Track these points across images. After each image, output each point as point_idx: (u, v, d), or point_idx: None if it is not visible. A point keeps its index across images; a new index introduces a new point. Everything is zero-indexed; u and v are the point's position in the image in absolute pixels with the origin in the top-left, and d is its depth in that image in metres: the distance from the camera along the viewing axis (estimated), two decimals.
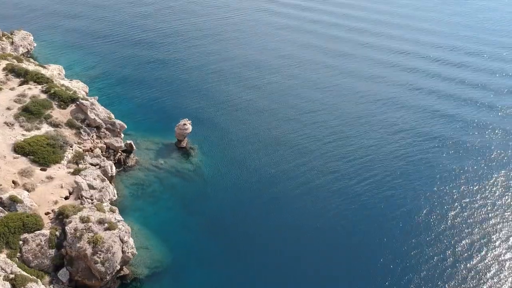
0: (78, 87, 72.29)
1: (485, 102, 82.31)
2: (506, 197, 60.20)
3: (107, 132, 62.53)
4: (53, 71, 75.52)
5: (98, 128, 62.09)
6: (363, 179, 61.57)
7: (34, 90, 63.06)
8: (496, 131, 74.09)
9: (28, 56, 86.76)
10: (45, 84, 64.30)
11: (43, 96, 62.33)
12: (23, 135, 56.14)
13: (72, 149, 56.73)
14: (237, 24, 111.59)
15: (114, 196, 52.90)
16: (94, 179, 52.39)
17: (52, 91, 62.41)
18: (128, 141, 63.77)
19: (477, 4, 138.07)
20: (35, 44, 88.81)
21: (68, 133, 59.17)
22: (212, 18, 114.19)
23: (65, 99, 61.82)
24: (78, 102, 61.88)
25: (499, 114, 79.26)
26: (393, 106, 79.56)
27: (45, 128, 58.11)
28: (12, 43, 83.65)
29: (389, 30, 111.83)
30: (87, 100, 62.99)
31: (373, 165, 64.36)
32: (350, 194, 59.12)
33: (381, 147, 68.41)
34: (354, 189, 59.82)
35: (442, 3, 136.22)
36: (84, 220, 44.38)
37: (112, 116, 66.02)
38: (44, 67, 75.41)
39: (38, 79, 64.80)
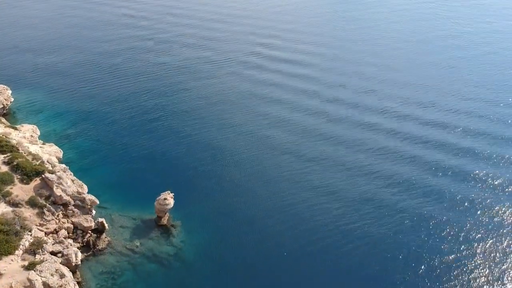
0: (51, 152, 65.06)
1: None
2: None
3: (75, 209, 54.89)
4: (26, 132, 68.51)
5: (65, 205, 54.47)
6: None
7: None
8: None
9: (4, 112, 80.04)
10: (8, 154, 57.05)
11: (4, 168, 55.03)
12: None
13: (31, 235, 48.98)
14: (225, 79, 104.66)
15: None
16: (52, 274, 44.52)
17: (15, 163, 55.06)
18: (100, 219, 55.98)
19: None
20: (12, 99, 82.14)
21: (29, 213, 51.53)
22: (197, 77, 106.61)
23: (28, 172, 54.47)
24: (43, 176, 54.39)
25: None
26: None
27: (1, 209, 50.49)
28: None
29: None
30: (54, 173, 55.50)
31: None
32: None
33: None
34: None
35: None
36: None
37: (85, 188, 58.57)
38: (16, 129, 68.53)
39: (1, 147, 57.53)
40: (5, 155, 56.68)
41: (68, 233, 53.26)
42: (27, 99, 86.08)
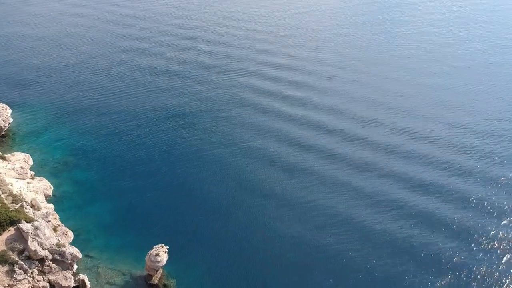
0: (38, 188, 58.43)
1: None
2: None
3: (53, 265, 47.91)
4: (16, 163, 62.15)
5: (41, 260, 47.43)
6: None
7: None
8: None
9: (2, 134, 74.19)
10: None
11: None
12: None
13: None
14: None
15: None
16: None
17: None
18: (82, 276, 48.85)
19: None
20: (11, 120, 76.20)
21: None
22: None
23: (1, 221, 47.69)
24: (18, 226, 47.53)
25: None
26: None
27: None
28: None
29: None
30: (32, 221, 48.52)
31: None
32: None
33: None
34: None
35: None
36: None
37: (69, 236, 52.37)
38: (5, 158, 62.22)
39: None
40: None
41: None
42: (28, 119, 79.80)
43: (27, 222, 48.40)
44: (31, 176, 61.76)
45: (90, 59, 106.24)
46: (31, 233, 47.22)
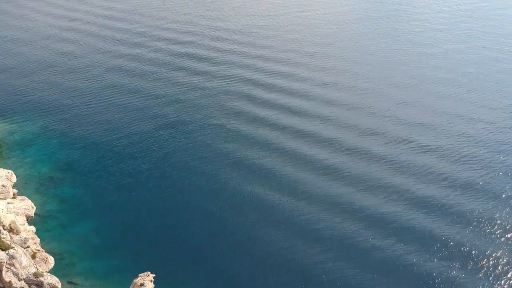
0: (20, 209, 55.17)
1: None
2: None
3: None
4: None
5: None
6: None
7: None
8: None
9: None
10: None
11: None
12: None
13: None
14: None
15: None
16: None
17: None
18: None
19: None
20: None
21: None
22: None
23: None
24: None
25: None
26: None
27: None
28: None
29: None
30: (8, 249, 45.26)
31: None
32: None
33: None
34: None
35: None
36: None
37: (50, 263, 49.22)
38: None
39: None
40: None
41: None
42: (15, 130, 76.54)
43: (2, 250, 45.12)
44: (13, 195, 58.50)
45: (80, 67, 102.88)
46: (6, 262, 44.00)
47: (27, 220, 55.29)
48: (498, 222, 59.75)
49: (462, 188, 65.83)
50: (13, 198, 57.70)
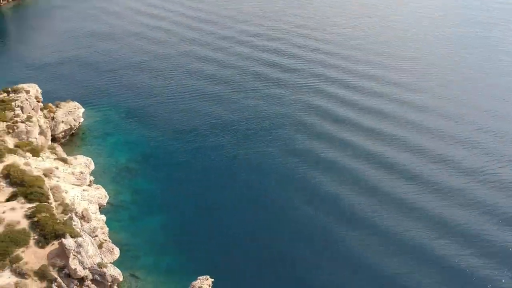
0: (93, 197, 56.71)
1: None
2: None
3: (92, 286, 45.38)
4: (76, 167, 61.08)
5: (81, 280, 45.17)
6: None
7: (16, 212, 48.08)
8: None
9: (72, 132, 74.26)
10: (36, 203, 49.08)
11: (24, 223, 47.02)
12: None
13: None
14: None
15: None
16: None
17: (35, 218, 46.90)
18: None
19: None
20: (82, 119, 76.04)
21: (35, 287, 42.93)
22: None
23: (47, 234, 45.89)
24: (61, 241, 45.57)
25: None
26: None
27: (3, 279, 42.39)
28: (53, 118, 71.67)
29: None
30: (76, 236, 46.39)
31: None
32: None
33: None
34: None
35: None
36: None
37: (115, 254, 49.88)
38: (66, 162, 61.31)
39: (30, 194, 49.80)
40: (31, 206, 48.74)
41: None
42: (98, 120, 79.45)
43: (72, 237, 46.31)
44: (89, 182, 60.40)
45: (165, 63, 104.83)
46: (74, 250, 45.06)
47: (99, 208, 56.69)
48: None
49: None
50: (89, 185, 59.50)
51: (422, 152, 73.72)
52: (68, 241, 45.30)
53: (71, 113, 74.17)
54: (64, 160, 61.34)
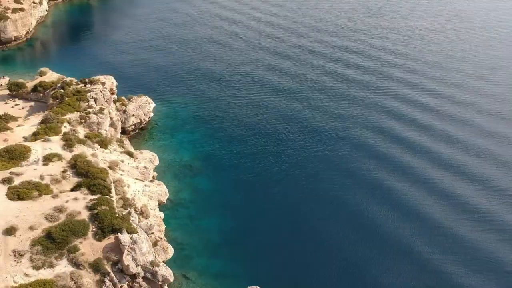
0: (154, 194, 57.24)
1: None
2: None
3: (143, 283, 45.64)
4: (141, 162, 62.05)
5: (133, 276, 45.51)
6: None
7: (79, 203, 49.28)
8: None
9: (141, 126, 75.78)
10: (98, 195, 50.11)
11: (85, 214, 48.07)
12: (25, 275, 42.30)
13: None
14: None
15: None
16: None
17: (95, 211, 47.80)
18: None
19: None
20: (151, 114, 77.38)
21: (88, 279, 43.65)
22: None
23: (104, 227, 46.62)
24: (117, 235, 46.14)
25: None
26: None
27: (60, 268, 43.51)
28: (124, 111, 73.45)
29: None
30: (133, 232, 46.80)
31: None
32: None
33: None
34: None
35: None
36: None
37: (169, 253, 50.03)
38: (132, 156, 62.43)
39: (94, 186, 50.92)
40: (93, 197, 49.78)
41: None
42: (168, 115, 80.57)
43: (128, 232, 46.81)
44: (152, 178, 61.11)
45: (235, 70, 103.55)
46: (128, 246, 45.45)
47: (158, 205, 57.12)
48: None
49: None
50: (151, 181, 60.16)
51: None
52: (124, 237, 45.73)
53: (142, 107, 75.63)
54: (130, 154, 62.47)
